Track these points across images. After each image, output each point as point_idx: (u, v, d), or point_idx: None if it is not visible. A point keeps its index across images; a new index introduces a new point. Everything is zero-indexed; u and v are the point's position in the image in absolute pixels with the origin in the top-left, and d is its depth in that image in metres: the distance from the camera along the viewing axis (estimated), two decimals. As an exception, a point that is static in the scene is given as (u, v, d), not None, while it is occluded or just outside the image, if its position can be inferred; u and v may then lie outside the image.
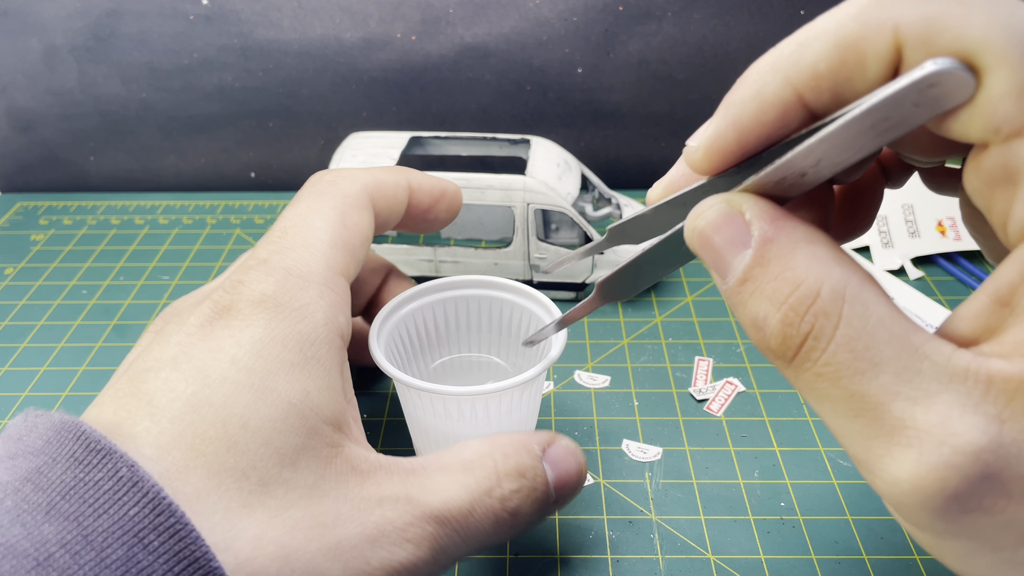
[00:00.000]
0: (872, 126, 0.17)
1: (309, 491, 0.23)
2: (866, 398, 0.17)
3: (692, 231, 0.21)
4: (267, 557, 0.22)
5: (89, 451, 0.21)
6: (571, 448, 0.28)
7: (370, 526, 0.23)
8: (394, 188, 0.32)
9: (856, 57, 0.17)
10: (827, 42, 0.18)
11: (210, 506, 0.22)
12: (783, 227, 0.19)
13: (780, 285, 0.18)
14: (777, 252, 0.19)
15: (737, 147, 0.20)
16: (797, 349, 0.18)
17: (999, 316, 0.17)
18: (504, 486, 0.26)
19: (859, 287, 0.18)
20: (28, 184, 0.61)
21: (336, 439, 0.25)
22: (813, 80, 0.18)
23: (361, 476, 0.24)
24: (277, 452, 0.23)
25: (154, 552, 0.20)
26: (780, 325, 0.18)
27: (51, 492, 0.21)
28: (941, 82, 0.16)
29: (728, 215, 0.20)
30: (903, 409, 0.17)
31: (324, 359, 0.25)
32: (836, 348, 0.18)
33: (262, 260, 0.27)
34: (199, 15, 0.53)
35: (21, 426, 0.23)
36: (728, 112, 0.20)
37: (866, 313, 0.17)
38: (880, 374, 0.17)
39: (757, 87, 0.19)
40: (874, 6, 0.17)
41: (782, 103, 0.19)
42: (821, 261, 0.18)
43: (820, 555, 0.31)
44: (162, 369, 0.24)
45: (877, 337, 0.17)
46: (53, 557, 0.19)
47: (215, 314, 0.25)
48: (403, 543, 0.23)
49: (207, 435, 0.23)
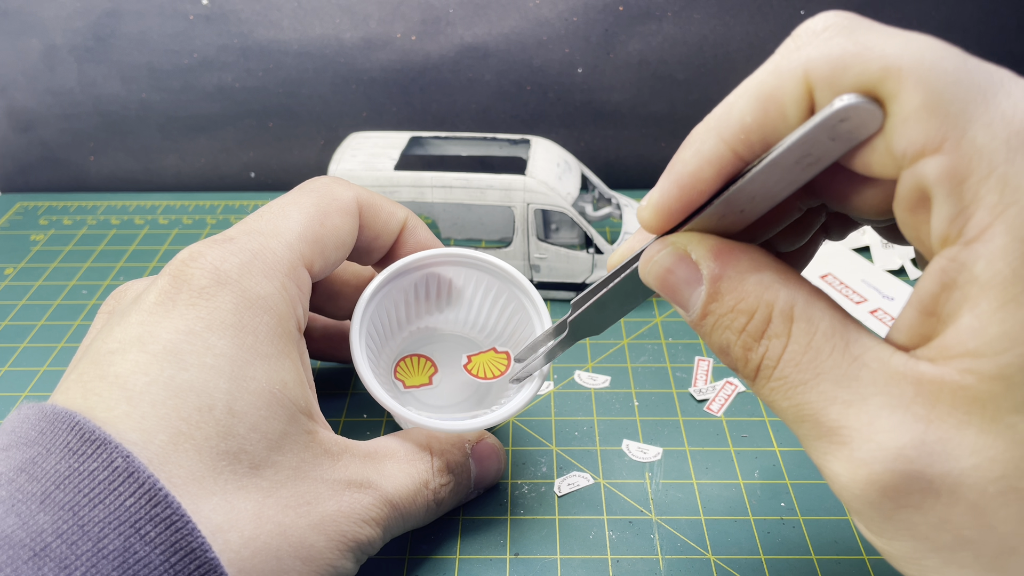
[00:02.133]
0: (796, 162, 0.19)
1: (294, 472, 0.25)
2: (808, 405, 0.19)
3: (647, 275, 0.23)
4: (268, 535, 0.23)
5: (83, 441, 0.21)
6: (495, 447, 0.33)
7: (344, 504, 0.26)
8: (388, 216, 0.32)
9: (776, 107, 0.19)
10: (749, 98, 0.19)
11: (208, 488, 0.23)
12: (728, 261, 0.21)
13: (736, 316, 0.20)
14: (727, 286, 0.21)
15: (681, 204, 0.21)
16: (756, 369, 0.20)
17: (930, 324, 0.18)
18: (437, 480, 0.29)
19: (805, 304, 0.20)
20: (28, 184, 0.61)
21: (310, 425, 0.26)
22: (743, 134, 0.19)
23: (333, 458, 0.27)
24: (265, 437, 0.25)
25: (151, 542, 0.21)
26: (741, 350, 0.21)
27: (45, 482, 0.21)
28: (850, 116, 0.17)
29: (677, 256, 0.22)
30: (839, 412, 0.19)
31: (292, 353, 0.27)
32: (783, 364, 0.20)
33: (229, 238, 0.27)
34: (199, 15, 0.54)
35: (15, 418, 0.23)
36: (671, 173, 0.21)
37: (810, 329, 0.19)
38: (821, 383, 0.19)
39: (695, 147, 0.20)
40: (784, 57, 0.19)
41: (718, 159, 0.20)
42: (768, 287, 0.20)
43: (820, 555, 0.31)
44: (129, 351, 0.24)
45: (820, 350, 0.19)
46: (50, 547, 0.20)
47: (174, 288, 0.25)
48: (368, 521, 0.27)
49: (193, 420, 0.23)
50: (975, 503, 0.17)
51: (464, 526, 0.32)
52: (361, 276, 0.35)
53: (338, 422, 0.38)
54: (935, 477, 0.17)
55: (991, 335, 0.16)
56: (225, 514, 0.23)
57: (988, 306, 0.16)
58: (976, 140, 0.16)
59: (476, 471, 0.32)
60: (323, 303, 0.35)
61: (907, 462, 0.17)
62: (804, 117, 0.18)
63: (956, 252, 0.17)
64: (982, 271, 0.16)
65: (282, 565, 0.24)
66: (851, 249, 0.49)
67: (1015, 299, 0.16)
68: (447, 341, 0.37)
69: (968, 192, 0.16)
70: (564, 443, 0.36)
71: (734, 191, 0.20)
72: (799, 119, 0.19)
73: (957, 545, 0.17)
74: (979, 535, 0.17)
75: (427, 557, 0.31)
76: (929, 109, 0.17)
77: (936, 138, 0.17)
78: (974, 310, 0.17)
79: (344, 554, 0.26)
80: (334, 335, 0.37)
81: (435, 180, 0.43)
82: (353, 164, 0.44)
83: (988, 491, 0.17)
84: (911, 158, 0.17)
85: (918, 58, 0.17)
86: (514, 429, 0.37)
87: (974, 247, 0.17)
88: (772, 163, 0.19)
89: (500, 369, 0.34)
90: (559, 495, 0.34)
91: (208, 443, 0.23)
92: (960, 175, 0.17)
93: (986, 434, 0.17)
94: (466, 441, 0.31)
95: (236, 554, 0.22)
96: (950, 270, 0.17)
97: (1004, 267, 0.16)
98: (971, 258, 0.17)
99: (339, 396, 0.39)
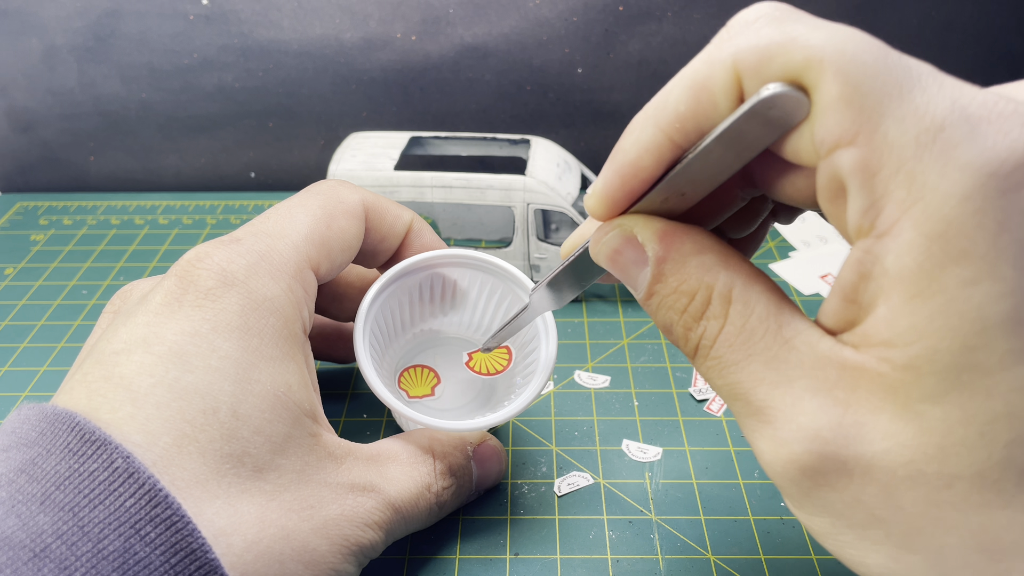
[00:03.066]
0: (727, 149, 0.19)
1: (298, 476, 0.25)
2: (740, 384, 0.20)
3: (597, 255, 0.23)
4: (271, 538, 0.23)
5: (83, 442, 0.21)
6: (497, 449, 0.33)
7: (347, 508, 0.26)
8: (394, 219, 0.32)
9: (707, 95, 0.19)
10: (683, 87, 0.20)
11: (211, 491, 0.23)
12: (672, 243, 0.21)
13: (678, 298, 0.21)
14: (671, 268, 0.21)
15: (623, 191, 0.22)
16: (696, 348, 0.21)
17: (852, 311, 0.19)
18: (439, 483, 0.30)
19: (743, 287, 0.20)
20: (28, 184, 0.61)
21: (314, 428, 0.26)
22: (678, 122, 0.20)
23: (336, 462, 0.27)
24: (269, 440, 0.25)
25: (151, 543, 0.21)
26: (682, 330, 0.21)
27: (45, 483, 0.21)
28: (777, 104, 0.18)
29: (624, 238, 0.22)
30: (766, 392, 0.19)
31: (298, 355, 0.27)
32: (719, 344, 0.20)
33: (236, 239, 0.27)
34: (199, 15, 0.54)
35: (15, 419, 0.23)
36: (613, 162, 0.22)
37: (746, 311, 0.20)
38: (752, 363, 0.20)
39: (635, 136, 0.21)
40: (716, 47, 0.19)
41: (656, 147, 0.20)
42: (709, 269, 0.21)
43: (820, 555, 0.31)
44: (134, 351, 0.24)
45: (754, 332, 0.20)
46: (49, 548, 0.20)
47: (181, 289, 0.25)
48: (371, 525, 0.27)
49: (197, 422, 0.23)
50: (886, 484, 0.18)
51: (464, 526, 0.32)
52: (366, 279, 0.35)
53: (338, 422, 0.38)
54: (849, 458, 0.18)
55: (901, 327, 0.17)
56: (228, 517, 0.23)
57: (899, 299, 0.17)
58: (888, 134, 0.17)
59: (478, 473, 0.32)
60: (328, 305, 0.35)
61: (824, 443, 0.18)
62: (734, 106, 0.19)
63: (870, 244, 0.17)
64: (892, 264, 0.17)
65: (285, 569, 0.24)
66: (851, 249, 0.49)
67: (921, 293, 0.17)
68: (450, 344, 0.37)
69: (879, 186, 0.17)
70: (564, 443, 0.36)
71: (672, 176, 0.21)
72: (729, 108, 0.19)
73: (869, 523, 0.18)
74: (889, 515, 0.18)
75: (427, 557, 0.31)
76: (846, 100, 0.17)
77: (851, 130, 0.17)
78: (887, 302, 0.17)
79: (347, 558, 0.26)
80: (333, 335, 0.37)
81: (435, 180, 0.43)
82: (353, 164, 0.44)
83: (898, 474, 0.18)
84: (828, 148, 0.18)
85: (840, 49, 0.17)
86: (514, 429, 0.37)
87: (884, 241, 0.17)
88: (705, 150, 0.19)
89: (502, 364, 0.34)
90: (559, 495, 0.34)
91: (212, 446, 0.23)
92: (872, 168, 0.17)
93: (897, 420, 0.17)
94: (468, 443, 0.31)
95: (239, 558, 0.22)
96: (865, 261, 0.18)
97: (911, 262, 0.17)
98: (883, 251, 0.17)
99: (339, 396, 0.39)
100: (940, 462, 0.17)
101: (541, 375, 0.31)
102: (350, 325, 0.37)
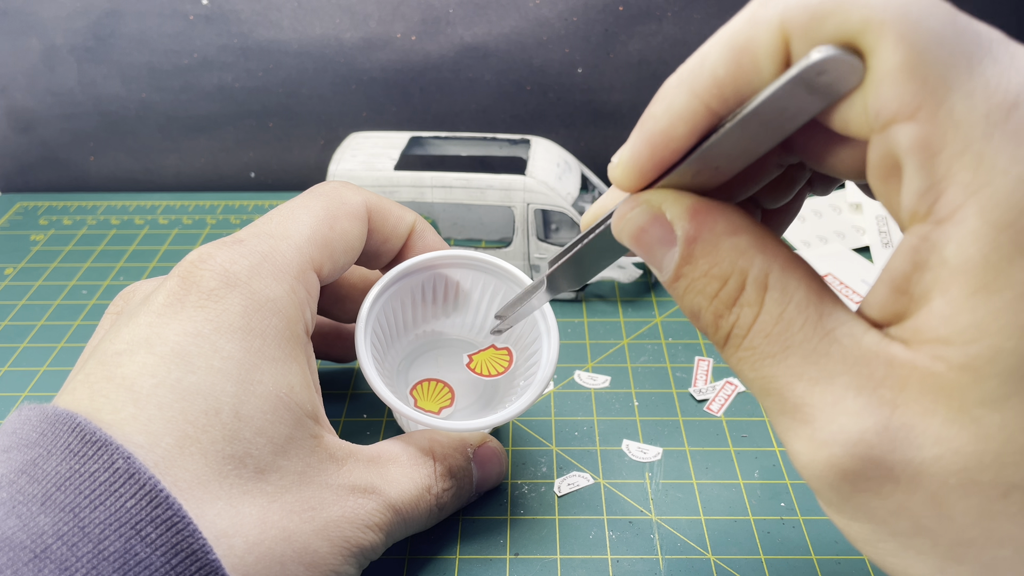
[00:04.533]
0: (771, 118, 0.18)
1: (299, 477, 0.25)
2: (775, 378, 0.18)
3: (620, 233, 0.22)
4: (272, 540, 0.23)
5: (84, 443, 0.21)
6: (497, 451, 0.33)
7: (348, 510, 0.26)
8: (396, 221, 0.32)
9: (750, 58, 0.17)
10: (722, 48, 0.18)
11: (212, 492, 0.23)
12: (704, 222, 0.19)
13: (709, 282, 0.19)
14: (702, 249, 0.19)
15: (652, 161, 0.20)
16: (727, 336, 0.20)
17: (902, 302, 0.17)
18: (439, 485, 0.29)
19: (781, 273, 0.19)
20: (28, 184, 0.61)
21: (316, 430, 0.26)
22: (716, 88, 0.18)
23: (337, 463, 0.27)
24: (271, 441, 0.24)
25: (152, 544, 0.21)
26: (712, 317, 0.20)
27: (46, 484, 0.21)
28: (828, 69, 0.16)
29: (651, 215, 0.20)
30: (804, 388, 0.18)
31: (300, 356, 0.27)
32: (753, 334, 0.19)
33: (238, 240, 0.27)
34: (199, 15, 0.53)
35: (15, 419, 0.23)
36: (642, 129, 0.20)
37: (783, 299, 0.18)
38: (789, 356, 0.18)
39: (667, 102, 0.19)
40: (761, 5, 0.17)
41: (691, 114, 0.19)
42: (744, 252, 0.19)
43: (820, 555, 0.31)
44: (136, 352, 0.24)
45: (792, 322, 0.18)
46: (50, 549, 0.19)
47: (183, 290, 0.25)
48: (371, 527, 0.26)
49: (199, 423, 0.23)
50: (935, 493, 0.17)
51: (464, 526, 0.32)
52: (368, 280, 0.35)
53: (338, 422, 0.38)
54: (896, 464, 0.17)
55: (962, 324, 0.16)
56: (230, 519, 0.23)
57: (959, 293, 0.16)
58: (954, 111, 0.15)
59: (478, 475, 0.32)
60: (330, 306, 0.35)
61: (868, 447, 0.17)
62: (779, 70, 0.17)
63: (927, 231, 0.16)
64: (953, 255, 0.16)
65: (286, 571, 0.24)
66: (851, 249, 0.49)
67: (986, 287, 0.15)
68: (452, 346, 0.37)
69: (941, 167, 0.16)
70: (564, 443, 0.36)
71: (707, 148, 0.19)
72: (774, 72, 0.17)
73: (915, 532, 0.17)
74: (937, 524, 0.17)
75: (427, 557, 0.31)
76: (908, 70, 0.15)
77: (912, 104, 0.16)
78: (945, 295, 0.16)
79: (347, 560, 0.26)
80: (331, 334, 0.37)
81: (435, 180, 0.43)
82: (353, 164, 0.44)
83: (949, 483, 0.16)
84: (884, 122, 0.16)
85: (903, 12, 0.16)
86: (514, 429, 0.37)
87: (944, 227, 0.16)
88: (746, 119, 0.18)
89: (503, 366, 0.34)
90: (559, 495, 0.34)
91: (214, 447, 0.23)
92: (933, 147, 0.16)
93: (951, 425, 0.16)
94: (468, 445, 0.31)
95: (240, 559, 0.22)
96: (922, 249, 0.16)
97: (975, 253, 0.15)
98: (942, 239, 0.16)
99: (339, 397, 0.39)
100: (997, 471, 0.16)
101: (543, 376, 0.31)
102: (349, 324, 0.37)
